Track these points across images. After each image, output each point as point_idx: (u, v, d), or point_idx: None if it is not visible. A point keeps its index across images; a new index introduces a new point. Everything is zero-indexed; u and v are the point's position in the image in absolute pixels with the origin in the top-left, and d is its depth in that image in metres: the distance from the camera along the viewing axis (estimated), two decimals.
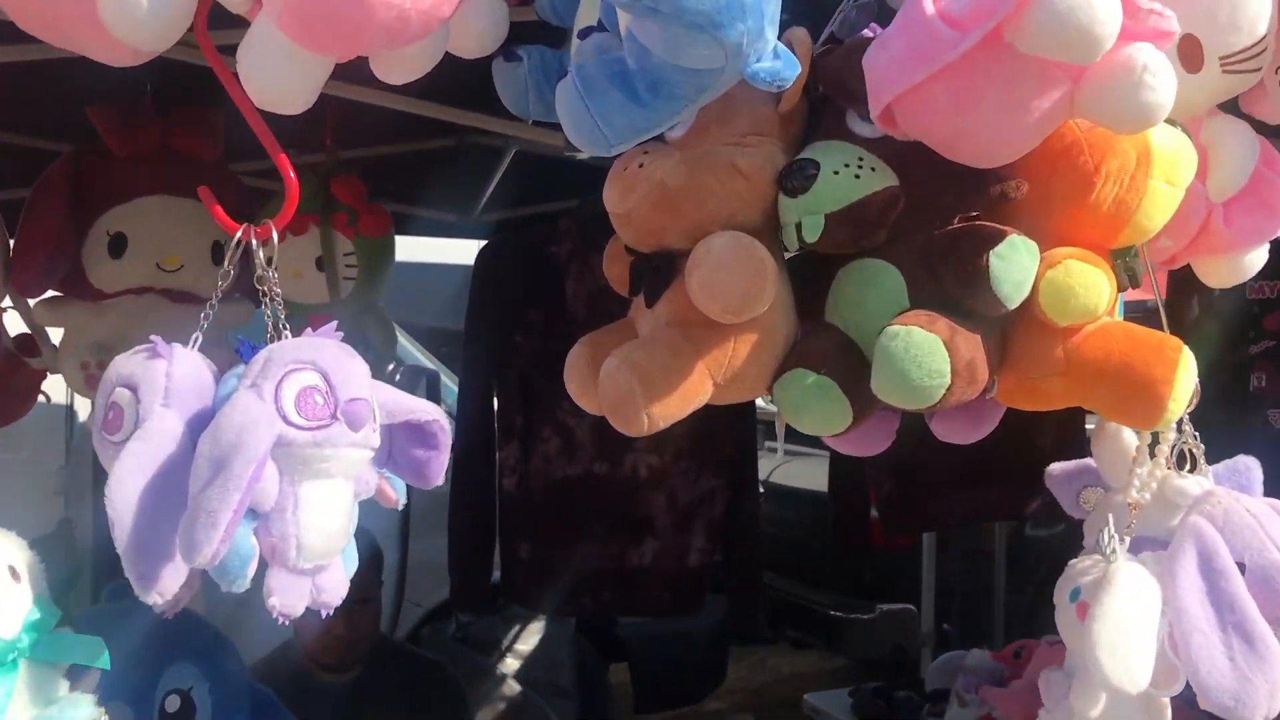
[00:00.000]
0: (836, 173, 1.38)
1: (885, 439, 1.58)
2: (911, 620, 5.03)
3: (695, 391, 1.38)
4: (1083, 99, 1.27)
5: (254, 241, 1.41)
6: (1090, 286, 1.36)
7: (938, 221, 1.42)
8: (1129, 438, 1.59)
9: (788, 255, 1.48)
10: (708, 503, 3.18)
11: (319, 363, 1.33)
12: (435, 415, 1.42)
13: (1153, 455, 1.56)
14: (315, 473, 1.32)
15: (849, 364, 1.40)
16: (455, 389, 3.41)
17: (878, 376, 1.34)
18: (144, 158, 2.44)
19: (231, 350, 2.76)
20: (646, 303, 1.47)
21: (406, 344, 4.94)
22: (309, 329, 1.42)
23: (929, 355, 1.30)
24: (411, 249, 4.78)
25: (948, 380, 1.31)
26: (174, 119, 2.47)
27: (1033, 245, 1.35)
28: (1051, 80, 1.26)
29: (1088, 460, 1.67)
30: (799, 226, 1.39)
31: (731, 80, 1.29)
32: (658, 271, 1.45)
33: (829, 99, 1.49)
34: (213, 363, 1.43)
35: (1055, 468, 1.72)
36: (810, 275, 1.50)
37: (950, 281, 1.37)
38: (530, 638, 4.56)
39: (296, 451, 1.29)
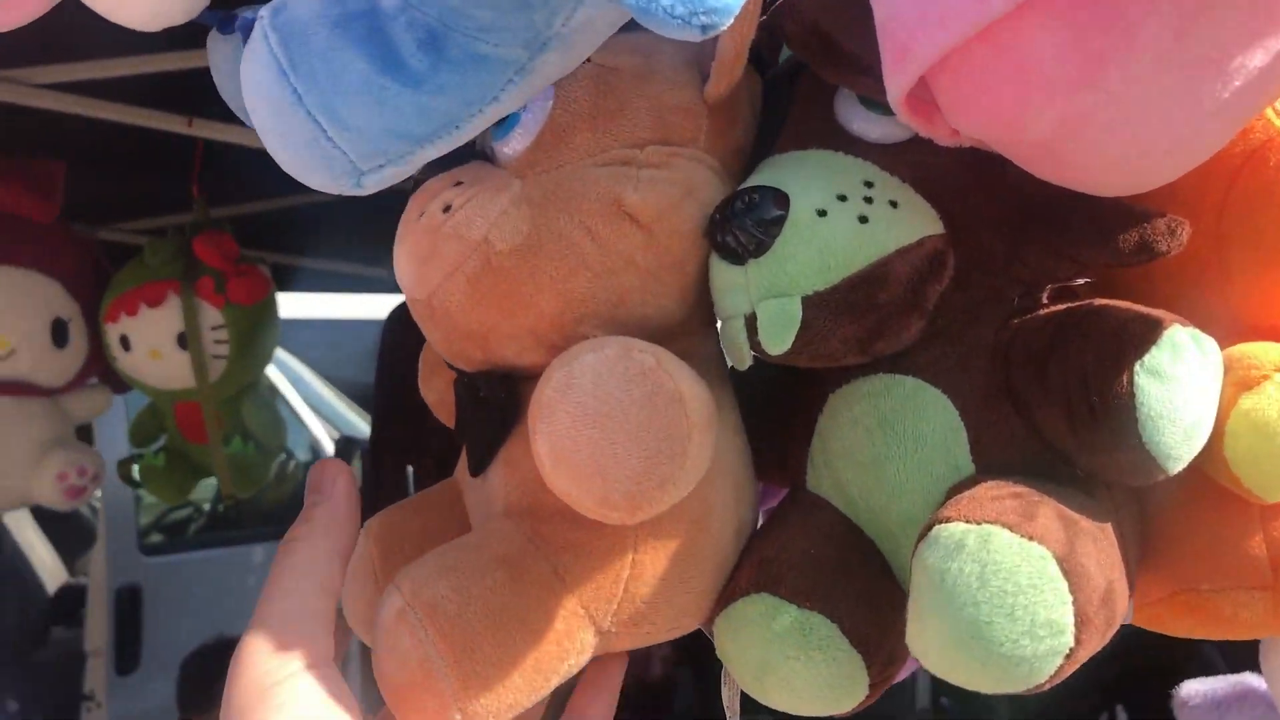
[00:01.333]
0: (822, 213, 0.62)
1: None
2: (904, 692, 4.24)
3: (558, 655, 0.62)
4: None
5: None
6: None
7: (1014, 299, 0.69)
8: None
9: (730, 368, 0.74)
10: None
11: None
12: None
13: None
14: None
15: (859, 584, 0.65)
16: None
17: (924, 628, 0.58)
18: None
19: (85, 452, 2.03)
20: (471, 468, 0.70)
21: (343, 408, 4.21)
22: None
23: (1031, 592, 0.55)
24: (349, 305, 4.11)
25: (1069, 640, 0.56)
26: None
27: (1211, 346, 0.62)
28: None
29: (1247, 680, 0.91)
30: (751, 321, 0.63)
31: (605, 28, 0.56)
32: (486, 409, 0.68)
33: (801, 73, 0.73)
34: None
35: (1190, 692, 0.93)
36: (777, 401, 0.75)
37: (1054, 422, 0.62)
38: None
39: None
